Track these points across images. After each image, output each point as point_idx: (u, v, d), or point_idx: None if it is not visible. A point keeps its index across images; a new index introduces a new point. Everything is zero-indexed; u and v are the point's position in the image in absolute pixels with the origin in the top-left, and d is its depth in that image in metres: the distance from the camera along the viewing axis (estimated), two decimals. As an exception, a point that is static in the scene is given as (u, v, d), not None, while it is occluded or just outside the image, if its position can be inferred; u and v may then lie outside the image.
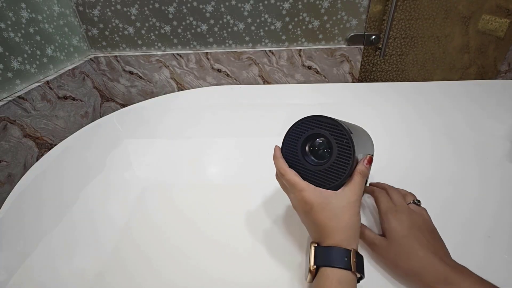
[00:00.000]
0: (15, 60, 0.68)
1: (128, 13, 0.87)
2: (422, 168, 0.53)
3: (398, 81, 1.02)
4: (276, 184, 0.51)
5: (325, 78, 0.96)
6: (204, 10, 0.86)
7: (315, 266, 0.30)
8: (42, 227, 0.46)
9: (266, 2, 0.84)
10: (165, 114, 0.79)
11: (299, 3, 0.84)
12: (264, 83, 0.98)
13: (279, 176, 0.36)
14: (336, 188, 0.32)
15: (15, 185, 0.55)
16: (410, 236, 0.33)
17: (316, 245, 0.32)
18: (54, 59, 0.80)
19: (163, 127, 0.73)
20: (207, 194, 0.51)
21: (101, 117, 0.84)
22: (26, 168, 0.68)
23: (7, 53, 0.66)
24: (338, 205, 0.31)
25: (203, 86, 0.99)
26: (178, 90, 1.00)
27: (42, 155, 0.68)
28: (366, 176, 0.33)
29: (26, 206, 0.51)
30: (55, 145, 0.69)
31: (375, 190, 0.42)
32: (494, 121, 0.66)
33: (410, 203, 0.38)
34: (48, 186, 0.55)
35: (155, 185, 0.53)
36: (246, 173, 0.56)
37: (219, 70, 0.96)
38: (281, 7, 0.85)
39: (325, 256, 0.30)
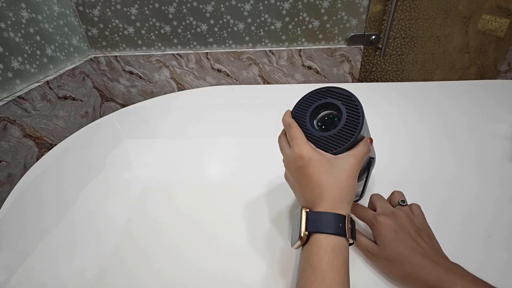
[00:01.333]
0: (15, 60, 0.68)
1: (128, 13, 0.87)
2: (422, 168, 0.53)
3: (398, 81, 1.02)
4: (277, 183, 0.51)
5: (325, 78, 0.96)
6: (204, 10, 0.86)
7: (306, 233, 0.28)
8: (42, 227, 0.46)
9: (266, 2, 0.84)
10: (165, 114, 0.79)
11: (299, 3, 0.84)
12: (264, 83, 0.98)
13: (286, 129, 0.35)
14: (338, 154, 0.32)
15: (15, 185, 0.55)
16: (398, 241, 0.32)
17: (308, 210, 0.30)
18: (54, 59, 0.80)
19: (163, 127, 0.73)
20: (207, 194, 0.51)
21: (101, 117, 0.84)
22: (26, 168, 0.68)
23: (7, 53, 0.66)
24: (337, 164, 0.30)
25: (203, 86, 0.99)
26: (178, 90, 1.00)
27: (42, 155, 0.68)
28: (369, 150, 0.33)
29: (26, 206, 0.51)
30: (55, 145, 0.69)
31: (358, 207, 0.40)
32: (494, 121, 0.66)
33: (396, 205, 0.38)
34: (48, 186, 0.55)
35: (155, 185, 0.53)
36: (246, 173, 0.56)
37: (219, 70, 0.96)
38: (281, 7, 0.85)
39: (318, 221, 0.28)
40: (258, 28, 0.89)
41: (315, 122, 0.36)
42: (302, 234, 0.28)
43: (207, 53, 0.92)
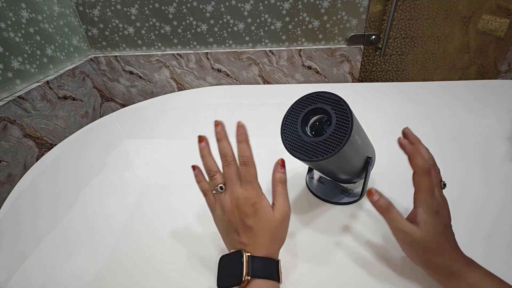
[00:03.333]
0: (15, 60, 0.68)
1: (128, 13, 0.87)
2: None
3: (398, 81, 1.02)
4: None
5: (325, 78, 0.96)
6: (204, 10, 0.86)
7: (248, 277, 0.28)
8: (42, 227, 0.46)
9: (266, 2, 0.84)
10: (165, 114, 0.79)
11: (299, 3, 0.84)
12: (264, 83, 0.98)
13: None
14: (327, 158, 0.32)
15: (15, 185, 0.55)
16: (446, 233, 0.32)
17: (249, 254, 0.30)
18: (54, 59, 0.80)
19: (163, 127, 0.73)
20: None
21: (101, 117, 0.84)
22: (26, 168, 0.68)
23: (7, 53, 0.66)
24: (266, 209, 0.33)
25: (203, 86, 0.99)
26: (178, 90, 1.00)
27: (42, 155, 0.68)
28: (285, 182, 0.34)
29: (26, 206, 0.51)
30: (55, 145, 0.69)
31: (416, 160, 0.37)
32: (494, 121, 0.66)
33: (441, 187, 0.36)
34: (48, 186, 0.55)
35: (154, 185, 0.53)
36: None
37: (219, 70, 0.96)
38: (281, 7, 0.85)
39: (259, 266, 0.29)
40: (258, 28, 0.89)
41: (306, 128, 0.36)
42: (244, 278, 0.28)
43: (207, 53, 0.92)
